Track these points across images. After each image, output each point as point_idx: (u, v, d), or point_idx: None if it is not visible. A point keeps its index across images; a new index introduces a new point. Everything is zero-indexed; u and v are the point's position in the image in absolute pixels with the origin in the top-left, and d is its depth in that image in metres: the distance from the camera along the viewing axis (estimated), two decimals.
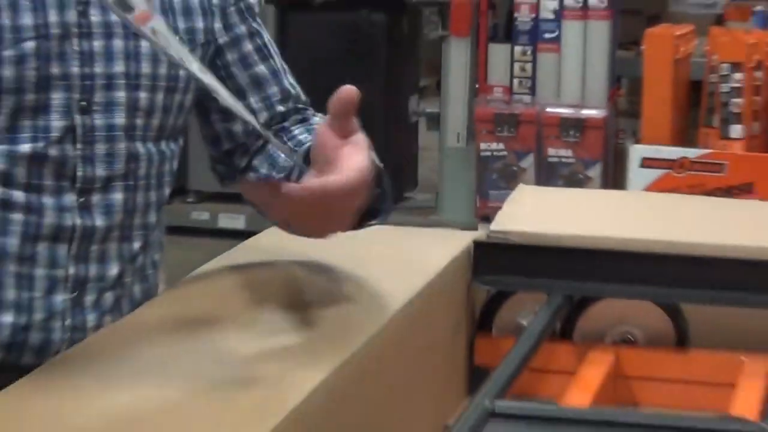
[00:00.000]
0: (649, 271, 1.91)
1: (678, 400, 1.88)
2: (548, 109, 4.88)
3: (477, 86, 5.02)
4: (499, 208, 2.06)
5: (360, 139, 1.56)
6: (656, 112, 4.52)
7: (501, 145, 4.93)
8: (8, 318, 1.62)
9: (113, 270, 1.68)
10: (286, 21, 5.41)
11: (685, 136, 4.47)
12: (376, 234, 1.90)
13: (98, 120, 1.62)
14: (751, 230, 2.03)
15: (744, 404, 1.70)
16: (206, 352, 1.52)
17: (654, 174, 4.29)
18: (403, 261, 1.86)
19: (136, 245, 1.70)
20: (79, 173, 1.59)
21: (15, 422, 1.28)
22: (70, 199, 1.58)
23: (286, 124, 1.84)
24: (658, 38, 4.62)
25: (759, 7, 5.13)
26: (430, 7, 5.33)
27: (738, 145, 4.30)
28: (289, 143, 1.80)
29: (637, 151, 4.33)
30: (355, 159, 1.52)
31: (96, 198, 1.60)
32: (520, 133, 4.91)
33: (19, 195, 1.57)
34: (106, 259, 1.68)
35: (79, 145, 1.62)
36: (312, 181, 1.49)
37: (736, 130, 4.32)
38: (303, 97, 1.88)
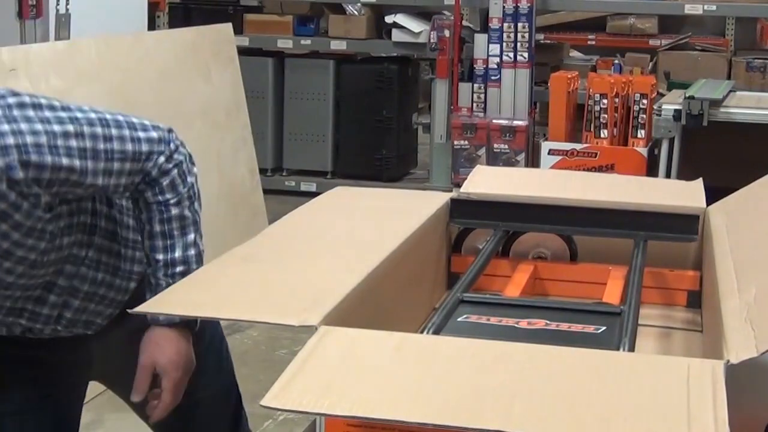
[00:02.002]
0: (554, 215, 2.43)
1: (571, 293, 2.40)
2: (494, 121, 6.42)
3: (452, 107, 6.58)
4: (465, 179, 2.60)
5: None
6: (557, 122, 5.87)
7: (466, 142, 6.49)
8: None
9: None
10: (339, 69, 7.02)
11: (574, 136, 5.72)
12: (394, 195, 2.54)
13: None
14: (612, 191, 2.55)
15: (610, 295, 2.20)
16: (294, 253, 2.00)
17: (555, 159, 5.59)
18: (408, 210, 2.36)
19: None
20: None
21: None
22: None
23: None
24: (558, 79, 6.08)
25: (616, 61, 6.18)
26: (425, 61, 7.18)
27: (605, 142, 5.61)
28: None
29: (545, 145, 5.71)
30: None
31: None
32: (477, 134, 6.43)
33: None
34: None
35: None
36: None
37: (604, 132, 5.59)
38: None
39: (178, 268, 1.99)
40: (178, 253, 1.98)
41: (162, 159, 1.95)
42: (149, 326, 2.01)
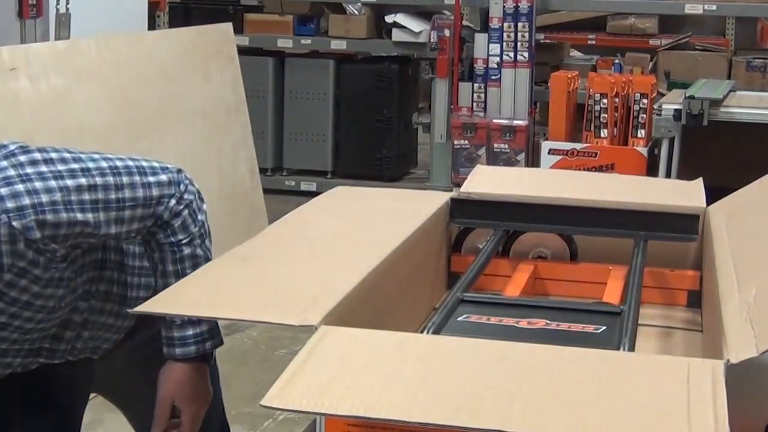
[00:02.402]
0: (554, 215, 2.44)
1: (571, 293, 2.41)
2: (494, 120, 6.48)
3: (452, 107, 6.62)
4: (465, 179, 2.62)
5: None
6: (557, 122, 5.90)
7: (466, 142, 6.53)
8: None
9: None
10: (339, 68, 7.09)
11: (574, 135, 5.77)
12: (394, 194, 2.54)
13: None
14: (612, 191, 2.56)
15: (610, 295, 2.22)
16: (294, 253, 2.01)
17: (556, 158, 5.65)
18: (409, 210, 2.37)
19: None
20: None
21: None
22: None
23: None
24: (558, 79, 6.12)
25: (616, 61, 6.20)
26: (425, 60, 7.23)
27: (605, 141, 5.60)
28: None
29: (545, 145, 5.76)
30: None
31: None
32: (477, 134, 6.48)
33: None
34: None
35: None
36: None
37: (604, 132, 5.56)
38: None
39: None
40: None
41: (173, 201, 1.95)
42: (155, 347, 2.02)
